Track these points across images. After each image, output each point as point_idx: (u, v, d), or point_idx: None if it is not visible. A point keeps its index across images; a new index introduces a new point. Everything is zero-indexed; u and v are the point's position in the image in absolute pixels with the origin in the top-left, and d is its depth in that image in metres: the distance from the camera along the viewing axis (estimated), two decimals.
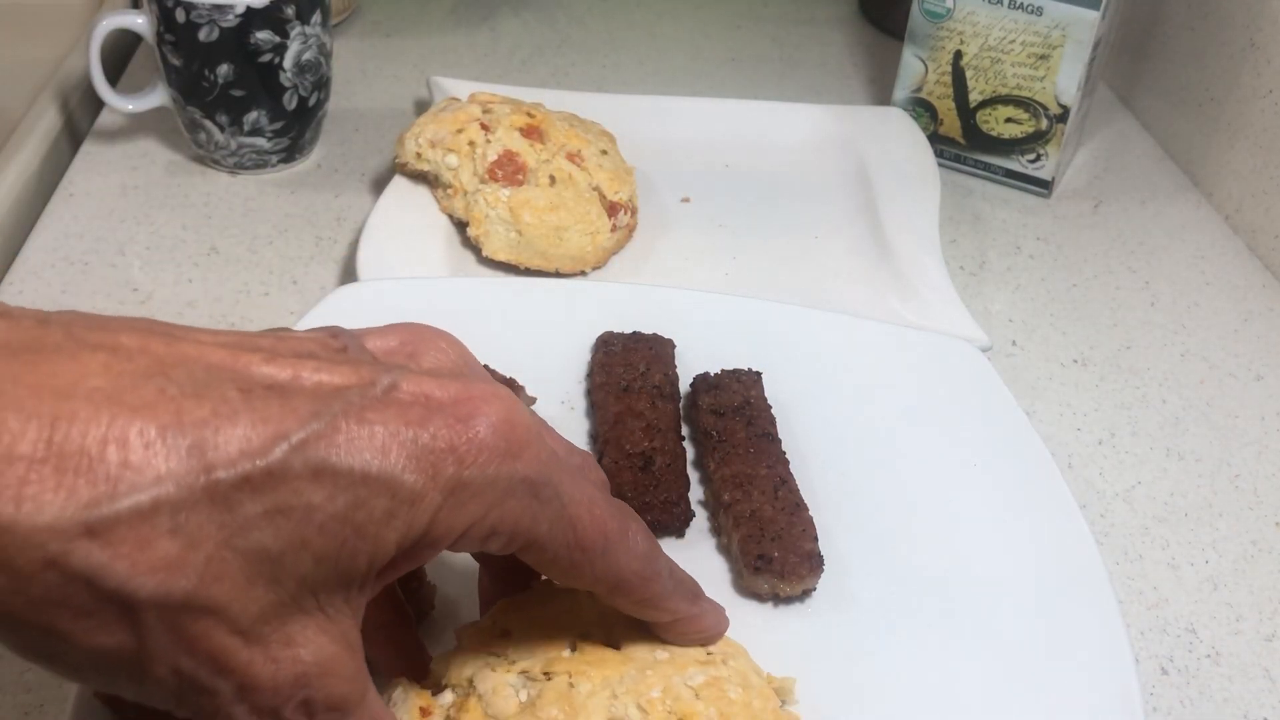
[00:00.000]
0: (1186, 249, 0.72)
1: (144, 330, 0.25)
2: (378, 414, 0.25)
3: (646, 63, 0.88)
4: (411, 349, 0.30)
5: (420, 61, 0.85)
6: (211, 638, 0.23)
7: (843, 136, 0.76)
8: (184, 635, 0.23)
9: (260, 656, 0.24)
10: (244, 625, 0.24)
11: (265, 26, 0.64)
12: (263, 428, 0.23)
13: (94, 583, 0.22)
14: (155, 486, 0.22)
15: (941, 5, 0.73)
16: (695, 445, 0.51)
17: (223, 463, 0.23)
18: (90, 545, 0.22)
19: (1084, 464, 0.55)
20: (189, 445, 0.23)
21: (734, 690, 0.34)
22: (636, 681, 0.32)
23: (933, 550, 0.46)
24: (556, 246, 0.61)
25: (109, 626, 0.23)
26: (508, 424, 0.27)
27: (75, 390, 0.22)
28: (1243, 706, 0.45)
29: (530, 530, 0.28)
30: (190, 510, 0.22)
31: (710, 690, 0.33)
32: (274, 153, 0.70)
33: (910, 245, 0.65)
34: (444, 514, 0.26)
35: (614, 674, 0.32)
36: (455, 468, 0.26)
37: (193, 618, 0.23)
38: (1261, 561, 0.51)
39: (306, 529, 0.24)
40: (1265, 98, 0.72)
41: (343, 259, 0.64)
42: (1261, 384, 0.61)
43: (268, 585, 0.24)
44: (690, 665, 0.34)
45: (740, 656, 0.36)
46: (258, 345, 0.26)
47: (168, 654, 0.23)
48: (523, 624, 0.34)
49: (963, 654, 0.42)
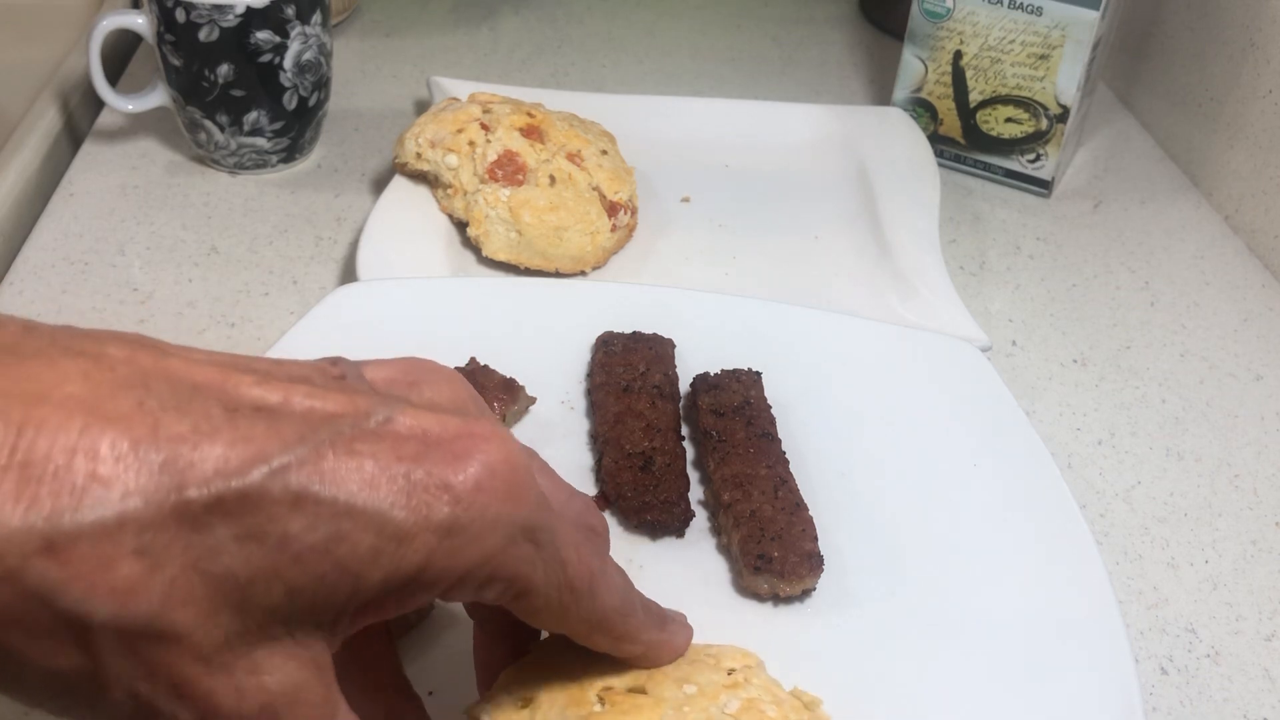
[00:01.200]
0: (1186, 249, 0.72)
1: (134, 343, 0.24)
2: (369, 446, 0.24)
3: (646, 63, 0.88)
4: (412, 380, 0.28)
5: (420, 61, 0.85)
6: (172, 664, 0.22)
7: (843, 136, 0.76)
8: (143, 660, 0.22)
9: (223, 685, 0.23)
10: (206, 652, 0.23)
11: (265, 26, 0.64)
12: (243, 448, 0.22)
13: (49, 602, 0.21)
14: (122, 501, 0.21)
15: (941, 5, 0.73)
16: (695, 445, 0.51)
17: (196, 481, 0.22)
18: (48, 562, 0.20)
19: (1084, 464, 0.55)
20: (162, 461, 0.22)
21: (770, 709, 0.33)
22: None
23: (933, 550, 0.46)
24: (556, 246, 0.61)
25: (64, 648, 0.21)
26: (507, 465, 0.25)
27: (49, 396, 0.21)
28: (1242, 706, 0.45)
29: (529, 577, 0.27)
30: (157, 529, 0.21)
31: (749, 714, 0.33)
32: (274, 153, 0.70)
33: (910, 245, 0.65)
34: (439, 557, 0.24)
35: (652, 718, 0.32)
36: (450, 508, 0.24)
37: (153, 643, 0.22)
38: (1261, 561, 0.51)
39: (280, 558, 0.23)
40: (1265, 98, 0.72)
41: (343, 259, 0.64)
42: (1261, 384, 0.61)
43: (234, 613, 0.23)
44: (720, 693, 0.33)
45: (759, 669, 0.36)
46: (252, 367, 0.25)
47: (125, 678, 0.22)
48: (543, 689, 0.33)
49: (962, 654, 0.42)
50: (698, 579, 0.45)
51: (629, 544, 0.46)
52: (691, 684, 0.33)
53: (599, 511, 0.33)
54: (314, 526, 0.23)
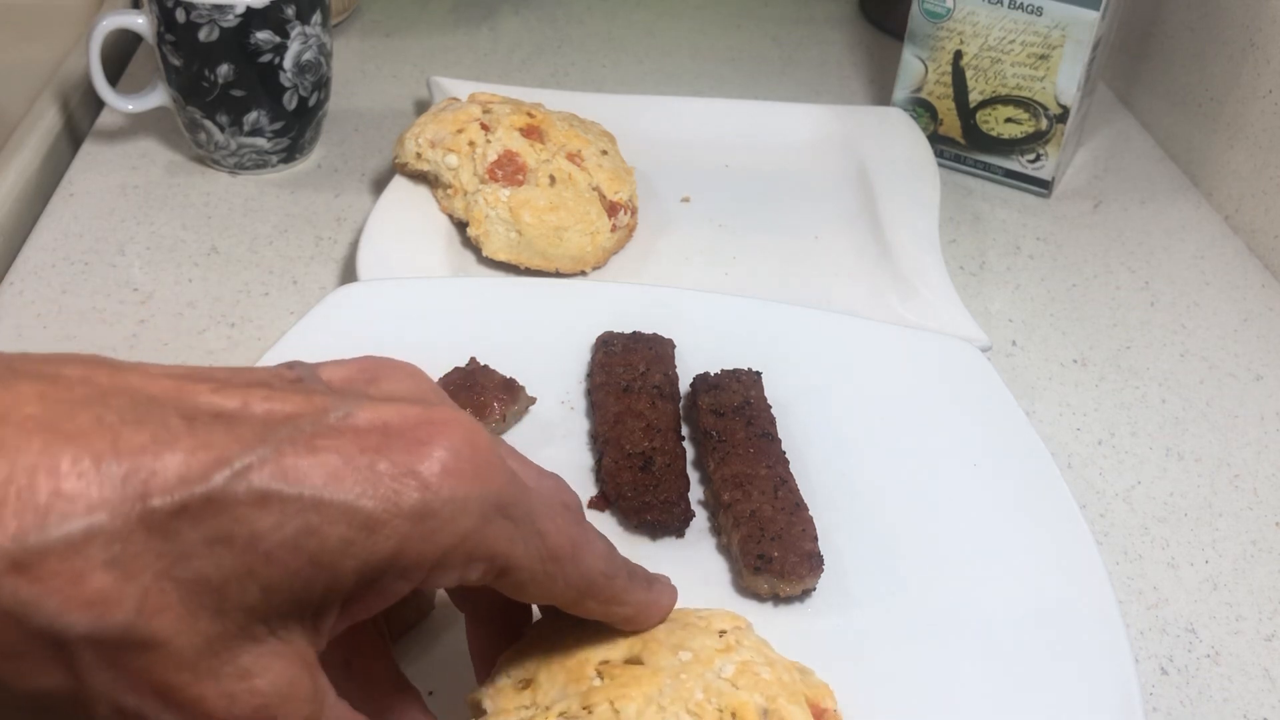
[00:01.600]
0: (1186, 249, 0.72)
1: (90, 362, 0.24)
2: (331, 441, 0.24)
3: (646, 63, 0.88)
4: (370, 377, 0.29)
5: (420, 61, 0.85)
6: (155, 673, 0.22)
7: (843, 136, 0.76)
8: (125, 671, 0.22)
9: (213, 691, 0.23)
10: (189, 658, 0.23)
11: (265, 26, 0.64)
12: (204, 454, 0.23)
13: (23, 621, 0.21)
14: (88, 516, 0.21)
15: (941, 5, 0.73)
16: (695, 445, 0.51)
17: (159, 490, 0.22)
18: (18, 580, 0.21)
19: (1084, 464, 0.55)
20: (125, 473, 0.22)
21: (764, 670, 0.34)
22: (675, 689, 0.32)
23: (932, 550, 0.46)
24: (556, 246, 0.61)
25: (43, 667, 0.22)
26: (470, 446, 0.26)
27: (6, 418, 0.21)
28: (1242, 706, 0.45)
29: (508, 553, 0.27)
30: (126, 540, 0.22)
31: (745, 677, 0.33)
32: (274, 153, 0.70)
33: (910, 245, 0.65)
34: (413, 543, 0.25)
35: (651, 688, 0.32)
36: (420, 493, 0.25)
37: (133, 653, 0.22)
38: (1261, 561, 0.51)
39: (251, 557, 0.23)
40: (1265, 98, 0.72)
41: (343, 259, 0.64)
42: (1261, 384, 0.61)
43: (212, 616, 0.23)
44: (715, 658, 0.34)
45: (748, 629, 0.36)
46: (210, 376, 0.25)
47: (109, 692, 0.22)
48: (540, 670, 0.33)
49: (962, 654, 0.42)
50: (698, 579, 0.45)
51: (629, 544, 0.46)
52: (686, 650, 0.34)
53: (570, 489, 0.34)
54: (282, 524, 0.23)
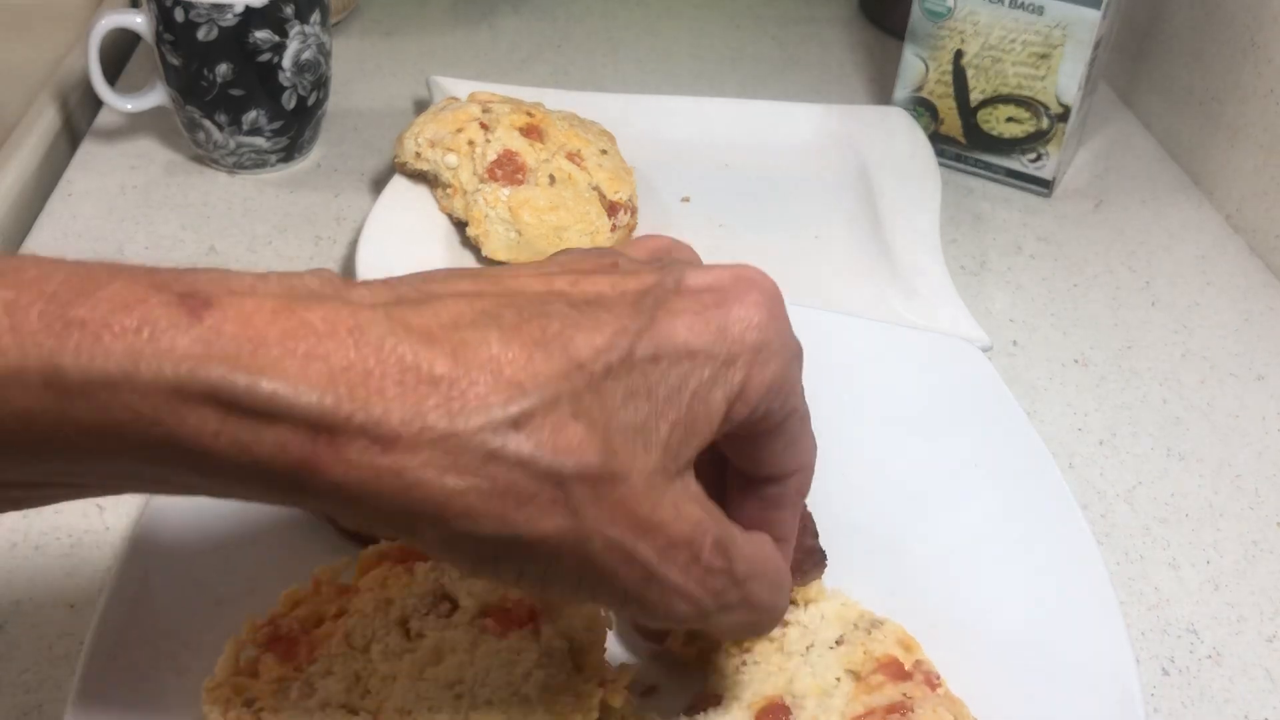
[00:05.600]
0: (1187, 249, 0.72)
1: (468, 275, 0.29)
2: (682, 303, 0.30)
3: (646, 63, 0.88)
4: (662, 247, 0.34)
5: (420, 61, 0.85)
6: (628, 504, 0.28)
7: (843, 136, 0.75)
8: (606, 505, 0.27)
9: (669, 514, 0.29)
10: (644, 489, 0.28)
11: (264, 26, 0.64)
12: (607, 329, 0.28)
13: (529, 466, 0.26)
14: (552, 384, 0.27)
15: (942, 4, 0.73)
16: None
17: (588, 359, 0.28)
18: (519, 436, 0.26)
19: (1085, 464, 0.55)
20: (560, 351, 0.27)
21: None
22: None
23: (933, 551, 0.46)
24: (556, 246, 0.61)
25: (547, 510, 0.27)
26: (776, 298, 0.32)
27: (457, 325, 0.27)
28: (1244, 707, 0.44)
29: (796, 408, 0.33)
30: (578, 399, 0.27)
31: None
32: (273, 152, 0.70)
33: (910, 245, 0.65)
34: (754, 372, 0.30)
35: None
36: (756, 334, 0.30)
37: (609, 486, 0.27)
38: (1263, 562, 0.51)
39: (657, 402, 0.29)
40: (1266, 97, 0.72)
41: (342, 259, 0.64)
42: (1262, 384, 0.61)
43: (645, 454, 0.28)
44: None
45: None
46: (560, 270, 0.30)
47: (599, 526, 0.27)
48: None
49: (963, 654, 0.42)
50: None
51: None
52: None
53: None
54: (669, 372, 0.29)
